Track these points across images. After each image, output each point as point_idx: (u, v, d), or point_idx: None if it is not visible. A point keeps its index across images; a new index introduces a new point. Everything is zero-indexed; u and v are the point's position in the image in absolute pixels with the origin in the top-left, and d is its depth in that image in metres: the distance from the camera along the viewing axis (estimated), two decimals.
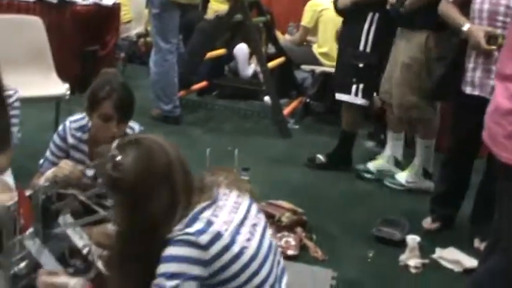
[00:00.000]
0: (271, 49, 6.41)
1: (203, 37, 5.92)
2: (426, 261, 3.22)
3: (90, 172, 2.80)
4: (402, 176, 4.22)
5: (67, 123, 2.92)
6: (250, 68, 6.62)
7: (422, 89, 3.89)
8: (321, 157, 4.58)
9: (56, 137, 2.92)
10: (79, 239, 2.51)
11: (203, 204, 1.84)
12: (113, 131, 2.72)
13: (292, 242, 3.26)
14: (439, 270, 3.21)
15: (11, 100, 3.14)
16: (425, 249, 3.29)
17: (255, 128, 5.49)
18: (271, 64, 5.74)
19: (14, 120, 3.16)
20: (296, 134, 5.39)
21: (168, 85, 5.25)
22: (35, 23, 4.20)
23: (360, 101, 4.38)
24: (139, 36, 7.39)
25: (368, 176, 4.37)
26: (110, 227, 2.44)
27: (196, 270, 1.75)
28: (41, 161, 2.92)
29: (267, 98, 6.05)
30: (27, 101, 3.35)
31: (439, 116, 4.16)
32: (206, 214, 1.81)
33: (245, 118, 5.83)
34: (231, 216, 1.86)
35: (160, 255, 1.76)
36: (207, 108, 6.02)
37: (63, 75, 4.37)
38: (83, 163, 2.85)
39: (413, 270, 3.15)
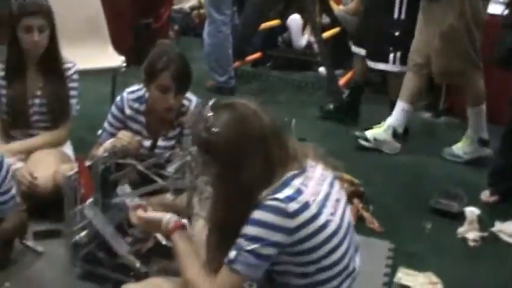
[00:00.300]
0: (326, 19, 6.31)
1: (257, 8, 5.87)
2: (485, 234, 3.16)
3: (147, 143, 2.82)
4: (459, 148, 4.14)
5: (124, 94, 2.95)
6: (303, 39, 6.56)
7: (466, 54, 3.88)
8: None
9: (113, 108, 2.96)
10: None
11: (294, 172, 1.84)
12: (171, 102, 2.75)
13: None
14: (498, 243, 3.14)
15: (69, 73, 3.20)
16: (484, 222, 3.23)
17: (310, 99, 5.43)
18: (325, 34, 5.67)
19: (73, 93, 3.22)
20: None
21: (222, 56, 5.24)
22: None
23: (397, 68, 4.38)
24: (192, 8, 7.38)
25: (365, 143, 4.29)
26: (167, 197, 2.47)
27: (277, 237, 1.76)
28: (99, 132, 2.96)
29: (321, 69, 6.00)
30: (84, 74, 3.39)
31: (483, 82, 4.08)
32: (297, 182, 1.81)
33: (299, 89, 5.78)
34: (318, 188, 1.86)
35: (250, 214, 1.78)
36: (261, 80, 5.98)
37: (118, 48, 4.40)
38: (140, 134, 2.89)
39: (471, 244, 3.09)
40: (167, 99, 2.75)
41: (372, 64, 4.52)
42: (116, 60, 4.05)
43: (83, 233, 2.47)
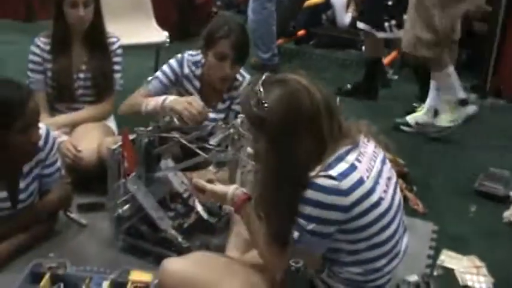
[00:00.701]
0: None
1: None
2: None
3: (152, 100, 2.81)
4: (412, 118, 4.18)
5: (185, 54, 3.00)
6: (347, 17, 6.47)
7: (434, 28, 3.81)
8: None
9: (173, 61, 2.99)
10: (180, 183, 2.55)
11: (348, 146, 1.82)
12: (226, 71, 2.78)
13: None
14: None
15: (113, 47, 3.22)
16: None
17: (354, 78, 5.35)
18: None
19: (117, 67, 3.23)
20: (395, 84, 5.23)
21: (267, 33, 5.18)
22: None
23: (393, 35, 4.49)
24: None
25: (406, 128, 4.20)
26: (210, 172, 2.47)
27: (334, 215, 1.76)
28: (149, 78, 2.97)
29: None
30: (126, 49, 3.39)
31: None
32: (351, 157, 1.80)
33: (343, 67, 5.71)
34: (371, 164, 1.85)
35: (305, 192, 1.77)
36: (304, 58, 5.92)
37: (161, 23, 4.41)
38: (192, 95, 2.93)
39: None
40: (223, 67, 2.79)
41: (377, 34, 4.54)
42: (160, 35, 4.06)
43: (126, 207, 2.49)
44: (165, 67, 2.98)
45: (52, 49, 3.13)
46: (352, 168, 1.77)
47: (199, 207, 2.59)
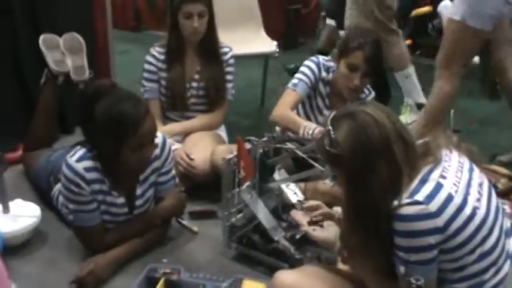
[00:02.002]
0: None
1: None
2: None
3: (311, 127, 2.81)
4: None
5: (320, 58, 3.02)
6: None
7: (373, 16, 3.80)
8: None
9: (311, 64, 3.02)
10: (293, 194, 2.54)
11: (429, 167, 1.79)
12: (355, 82, 2.81)
13: (508, 210, 3.07)
14: None
15: (226, 57, 3.26)
16: None
17: (462, 89, 5.19)
18: None
19: (229, 77, 3.27)
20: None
21: None
22: None
23: None
24: None
25: None
26: (325, 183, 2.45)
27: (432, 239, 1.71)
28: (295, 81, 2.99)
29: (475, 58, 5.74)
30: (236, 59, 3.41)
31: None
32: (434, 176, 1.76)
33: None
34: (458, 177, 1.79)
35: (393, 224, 1.73)
36: None
37: (268, 33, 4.43)
38: (323, 101, 3.00)
39: None
40: (353, 78, 2.81)
41: None
42: (270, 45, 4.08)
43: (239, 216, 2.50)
44: (305, 69, 3.00)
45: (166, 58, 3.21)
46: (438, 186, 1.72)
47: None
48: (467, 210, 1.73)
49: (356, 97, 2.95)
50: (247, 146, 2.40)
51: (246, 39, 4.04)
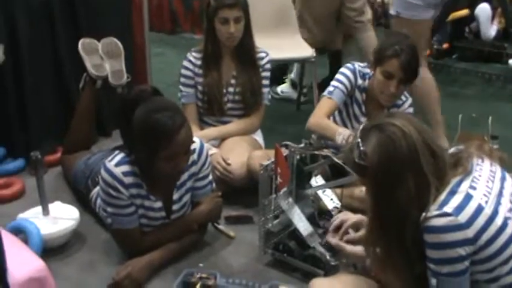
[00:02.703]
0: None
1: None
2: None
3: (345, 133, 2.80)
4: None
5: (356, 65, 3.03)
6: (492, 29, 6.23)
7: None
8: None
9: (347, 71, 3.02)
10: (329, 200, 2.55)
11: (459, 178, 1.77)
12: (391, 89, 2.79)
13: None
14: None
15: (262, 62, 3.26)
16: None
17: (500, 94, 5.16)
18: None
19: (265, 82, 3.28)
20: None
21: None
22: None
23: None
24: None
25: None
26: (358, 191, 2.44)
27: (462, 251, 1.70)
28: (331, 89, 2.99)
29: None
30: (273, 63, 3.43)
31: None
32: (464, 187, 1.75)
33: (488, 82, 5.49)
34: (488, 186, 1.78)
35: (424, 236, 1.73)
36: (448, 72, 5.76)
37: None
38: (359, 108, 3.01)
39: None
40: (389, 86, 2.80)
41: None
42: (306, 50, 4.07)
43: (276, 222, 2.51)
44: (341, 77, 2.99)
45: (203, 64, 3.22)
46: (468, 198, 1.71)
47: None
48: (498, 221, 1.71)
49: (393, 103, 2.94)
50: (285, 152, 2.41)
51: (282, 44, 4.03)
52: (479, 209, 1.70)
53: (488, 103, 4.79)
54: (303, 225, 2.42)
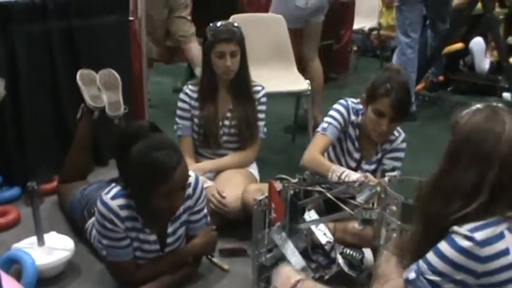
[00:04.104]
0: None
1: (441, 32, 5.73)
2: None
3: (338, 171, 2.82)
4: None
5: (349, 101, 3.04)
6: (486, 63, 6.31)
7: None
8: None
9: (340, 107, 3.03)
10: (322, 235, 2.57)
11: (501, 218, 1.73)
12: (383, 127, 2.81)
13: None
14: None
15: (258, 96, 3.30)
16: None
17: None
18: None
19: (261, 116, 3.31)
20: None
21: None
22: (278, 20, 4.29)
23: None
24: (371, 29, 7.36)
25: None
26: (355, 227, 2.47)
27: (462, 276, 1.70)
28: (325, 125, 3.00)
29: (505, 94, 5.74)
30: (268, 96, 3.42)
31: None
32: (503, 226, 1.71)
33: None
34: None
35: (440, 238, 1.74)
36: (443, 104, 5.81)
37: (300, 69, 4.46)
38: (353, 144, 3.03)
39: None
40: (380, 123, 2.82)
41: None
42: (302, 83, 4.10)
43: (269, 256, 2.52)
44: (334, 113, 3.00)
45: (199, 97, 3.26)
46: (500, 237, 1.69)
47: (340, 260, 2.61)
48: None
49: (385, 139, 2.97)
50: (278, 186, 2.43)
51: (278, 76, 4.07)
52: (505, 252, 1.69)
53: None
54: (295, 260, 2.43)
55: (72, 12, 3.58)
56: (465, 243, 1.68)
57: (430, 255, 1.75)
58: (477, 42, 6.29)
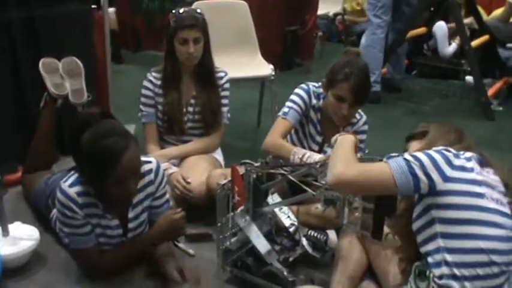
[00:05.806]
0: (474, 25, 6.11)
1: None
2: None
3: (300, 153, 2.85)
4: None
5: (310, 85, 3.05)
6: (450, 47, 6.38)
7: None
8: None
9: (301, 92, 3.05)
10: (286, 218, 2.59)
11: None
12: (343, 112, 2.82)
13: None
14: None
15: (221, 82, 3.30)
16: None
17: (456, 109, 5.29)
18: (474, 43, 5.47)
19: (225, 101, 3.32)
20: (499, 116, 5.12)
21: (372, 59, 5.08)
22: (242, 6, 4.31)
23: None
24: (336, 14, 7.40)
25: None
26: (318, 208, 2.50)
27: (434, 174, 1.89)
28: (286, 110, 3.02)
29: (468, 78, 5.81)
30: (233, 82, 3.46)
31: None
32: (474, 163, 1.97)
33: (445, 98, 5.64)
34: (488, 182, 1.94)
35: None
36: (407, 88, 5.88)
37: (266, 55, 4.47)
38: (315, 129, 3.05)
39: None
40: (341, 108, 2.83)
41: None
42: (266, 69, 4.11)
43: (233, 240, 2.55)
44: (295, 98, 3.02)
45: (163, 84, 3.26)
46: (471, 168, 1.92)
47: (304, 242, 2.64)
48: (478, 190, 1.89)
49: (347, 123, 3.00)
50: (242, 171, 2.45)
51: (242, 62, 4.09)
52: (470, 170, 1.92)
53: (444, 119, 4.88)
54: (260, 243, 2.46)
55: (33, 1, 3.53)
56: (445, 151, 1.94)
57: (417, 153, 1.94)
58: (440, 26, 6.34)
